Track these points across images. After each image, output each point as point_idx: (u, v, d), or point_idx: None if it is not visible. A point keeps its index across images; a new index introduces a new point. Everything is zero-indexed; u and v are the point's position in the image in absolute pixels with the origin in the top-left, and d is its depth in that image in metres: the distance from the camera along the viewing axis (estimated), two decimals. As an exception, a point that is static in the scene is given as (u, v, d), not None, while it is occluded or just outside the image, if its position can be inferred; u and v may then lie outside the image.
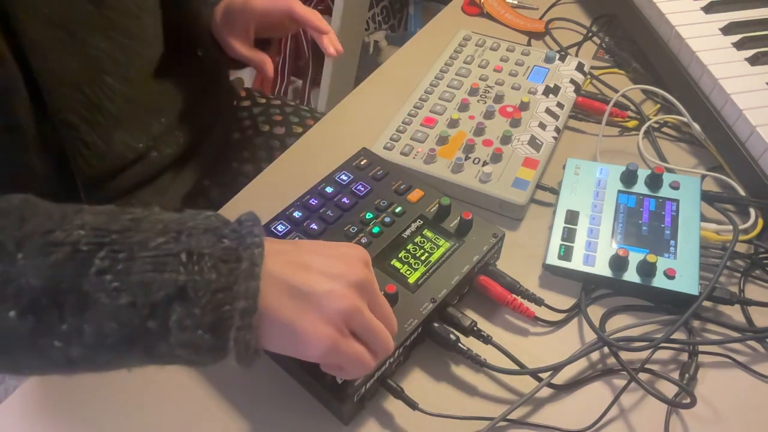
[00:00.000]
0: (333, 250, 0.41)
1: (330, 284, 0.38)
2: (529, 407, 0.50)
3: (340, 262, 0.39)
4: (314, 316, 0.37)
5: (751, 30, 0.73)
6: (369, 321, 0.39)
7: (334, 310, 0.37)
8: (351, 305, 0.38)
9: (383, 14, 1.78)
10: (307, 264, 0.39)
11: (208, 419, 0.49)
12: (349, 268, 0.39)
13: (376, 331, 0.40)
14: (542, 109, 0.70)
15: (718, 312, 0.56)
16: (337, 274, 0.38)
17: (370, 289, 0.40)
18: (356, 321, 0.39)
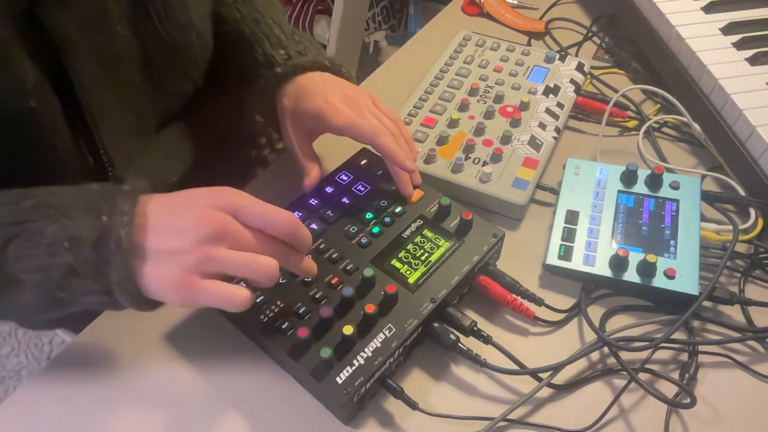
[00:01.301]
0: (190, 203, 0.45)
1: (174, 242, 0.43)
2: (529, 407, 0.50)
3: (190, 217, 0.43)
4: (162, 273, 0.42)
5: (751, 30, 0.73)
6: (225, 262, 0.43)
7: (179, 264, 0.42)
8: (195, 258, 0.42)
9: (383, 14, 1.78)
10: (159, 225, 0.43)
11: (208, 419, 0.49)
12: (199, 222, 0.43)
13: (237, 267, 0.43)
14: (542, 109, 0.70)
15: (718, 312, 0.56)
16: (183, 230, 0.43)
17: (224, 234, 0.43)
18: (210, 266, 0.43)
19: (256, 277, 0.44)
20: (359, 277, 0.51)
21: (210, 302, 0.44)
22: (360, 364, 0.47)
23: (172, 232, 0.43)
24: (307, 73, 0.60)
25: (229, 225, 0.44)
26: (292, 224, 0.46)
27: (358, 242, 0.55)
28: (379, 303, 0.50)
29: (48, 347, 1.40)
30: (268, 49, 0.61)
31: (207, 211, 0.44)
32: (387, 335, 0.48)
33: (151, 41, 0.55)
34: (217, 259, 0.43)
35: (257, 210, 0.45)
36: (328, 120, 0.56)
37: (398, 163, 0.56)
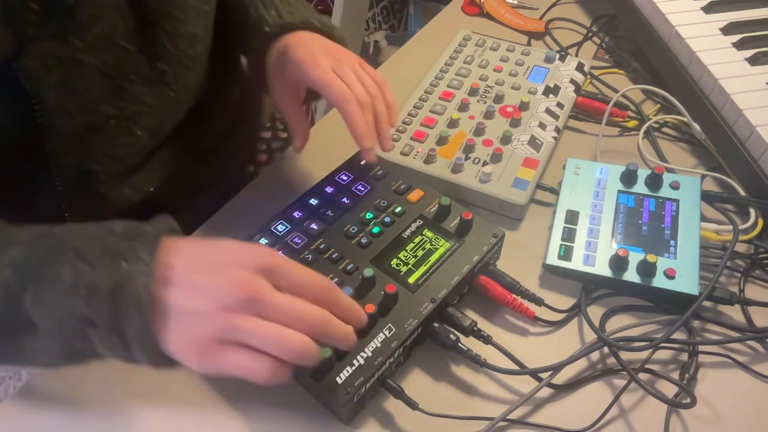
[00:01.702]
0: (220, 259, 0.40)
1: (197, 304, 0.38)
2: (529, 407, 0.50)
3: (219, 278, 0.39)
4: (181, 336, 0.39)
5: (751, 30, 0.73)
6: (249, 334, 0.38)
7: (199, 330, 0.38)
8: (217, 326, 0.38)
9: (383, 14, 1.78)
10: (184, 281, 0.39)
11: (208, 419, 0.49)
12: (227, 285, 0.39)
13: (262, 341, 0.39)
14: (542, 109, 0.70)
15: (718, 312, 0.56)
16: (209, 293, 0.39)
17: (252, 302, 0.39)
18: (234, 337, 0.39)
19: (284, 355, 0.39)
20: (359, 277, 0.51)
21: (232, 373, 0.40)
22: (360, 364, 0.47)
23: (198, 292, 0.39)
24: (297, 32, 0.59)
25: (262, 291, 0.39)
26: (330, 290, 0.42)
27: (358, 242, 0.55)
28: (379, 303, 0.50)
29: (48, 347, 1.40)
30: (260, 11, 0.60)
31: (238, 273, 0.39)
32: (387, 335, 0.48)
33: (159, 57, 0.55)
34: (242, 330, 0.38)
35: (294, 272, 0.41)
36: (305, 70, 0.55)
37: (356, 138, 0.55)
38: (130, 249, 0.39)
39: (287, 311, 0.39)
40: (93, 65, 0.50)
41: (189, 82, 0.60)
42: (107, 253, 0.39)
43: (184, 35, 0.56)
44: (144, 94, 0.55)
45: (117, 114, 0.54)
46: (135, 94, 0.55)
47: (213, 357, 0.39)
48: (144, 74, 0.55)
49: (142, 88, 0.55)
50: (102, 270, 0.38)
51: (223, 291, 0.39)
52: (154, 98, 0.56)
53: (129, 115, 0.55)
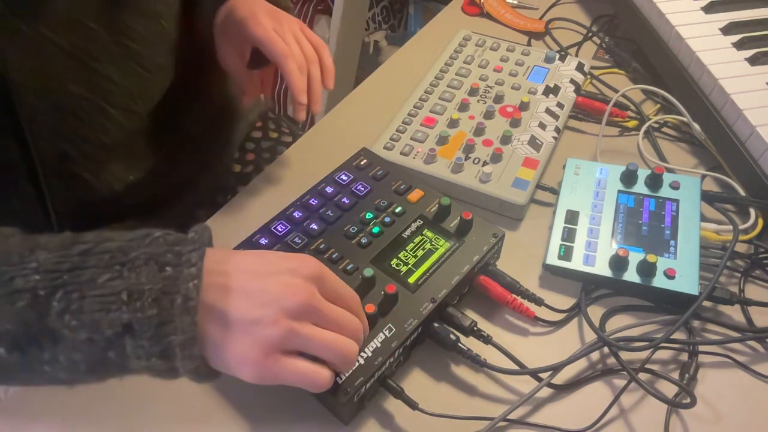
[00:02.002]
0: (274, 267, 0.40)
1: (259, 311, 0.38)
2: (529, 407, 0.50)
3: (276, 285, 0.39)
4: (241, 344, 0.38)
5: (751, 30, 0.73)
6: (309, 340, 0.40)
7: (262, 337, 0.38)
8: (280, 332, 0.38)
9: (383, 14, 1.78)
10: (242, 289, 0.39)
11: (208, 419, 0.49)
12: (285, 291, 0.39)
13: (321, 348, 0.40)
14: (542, 109, 0.70)
15: (718, 312, 0.56)
16: (269, 299, 0.39)
17: (310, 309, 0.40)
18: (293, 343, 0.39)
19: (336, 360, 0.41)
20: (359, 277, 0.51)
21: (291, 381, 0.40)
22: (360, 364, 0.47)
23: (256, 300, 0.38)
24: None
25: (316, 299, 0.40)
26: (358, 302, 0.45)
27: (358, 242, 0.55)
28: (379, 303, 0.50)
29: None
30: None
31: (294, 281, 0.40)
32: (387, 335, 0.48)
33: (125, 35, 0.55)
34: (301, 336, 0.39)
35: (337, 284, 0.43)
36: (247, 29, 0.58)
37: (294, 93, 0.58)
38: (175, 254, 0.38)
39: (338, 320, 0.41)
40: (57, 43, 0.50)
41: (157, 59, 0.60)
42: (151, 257, 0.37)
43: (147, 12, 0.57)
44: (112, 72, 0.56)
45: (87, 94, 0.55)
46: (103, 72, 0.55)
47: (274, 365, 0.39)
48: (110, 52, 0.55)
49: (110, 66, 0.55)
50: (146, 274, 0.36)
51: (283, 298, 0.39)
52: (123, 76, 0.57)
53: (100, 94, 0.56)
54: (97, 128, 0.57)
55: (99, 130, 0.57)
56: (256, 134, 0.83)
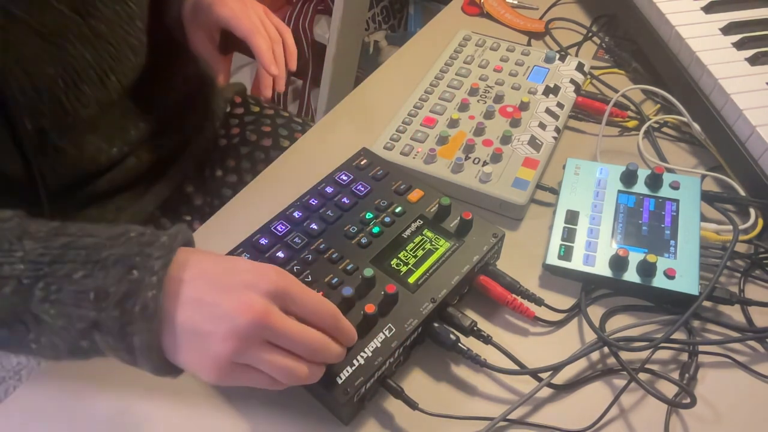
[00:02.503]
0: (233, 280, 0.40)
1: (209, 326, 0.39)
2: (529, 407, 0.50)
3: (231, 300, 0.39)
4: (194, 354, 0.39)
5: (751, 30, 0.73)
6: (258, 362, 0.40)
7: (212, 352, 0.39)
8: (229, 350, 0.39)
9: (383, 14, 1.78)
10: (196, 299, 0.39)
11: (208, 419, 0.49)
12: (238, 308, 0.39)
13: (269, 368, 0.40)
14: (542, 109, 0.70)
15: (718, 312, 0.56)
16: (220, 315, 0.39)
17: (263, 328, 0.39)
18: (243, 360, 0.40)
19: (284, 381, 0.42)
20: (359, 277, 0.51)
21: (246, 384, 0.41)
22: (360, 364, 0.47)
23: (209, 313, 0.39)
24: None
25: (271, 318, 0.39)
26: (334, 317, 0.44)
27: (358, 242, 0.55)
28: (379, 303, 0.50)
29: (48, 347, 1.40)
30: None
31: (250, 297, 0.39)
32: (387, 335, 0.49)
33: (91, 15, 0.56)
34: (250, 356, 0.40)
35: (303, 298, 0.42)
36: (214, 11, 0.62)
37: (264, 65, 0.62)
38: (144, 257, 0.39)
39: (293, 339, 0.41)
40: (28, 23, 0.51)
41: (128, 39, 0.61)
42: (119, 259, 0.39)
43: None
44: (85, 51, 0.57)
45: (62, 73, 0.56)
46: (75, 53, 0.56)
47: (224, 375, 0.40)
48: (81, 32, 0.56)
49: (81, 46, 0.57)
50: (113, 276, 0.38)
51: (235, 315, 0.39)
52: (94, 54, 0.58)
53: (73, 73, 0.57)
54: (73, 102, 0.58)
55: (75, 104, 0.58)
56: (238, 110, 0.85)
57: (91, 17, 0.56)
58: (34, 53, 0.53)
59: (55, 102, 0.57)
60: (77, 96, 0.58)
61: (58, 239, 0.40)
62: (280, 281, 0.41)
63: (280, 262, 0.53)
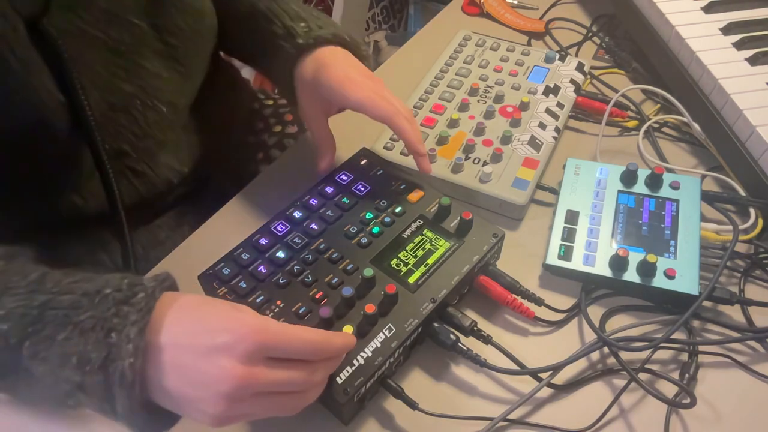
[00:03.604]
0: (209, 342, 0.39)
1: (197, 392, 0.39)
2: (529, 407, 0.50)
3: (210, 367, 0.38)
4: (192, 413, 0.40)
5: (751, 30, 0.73)
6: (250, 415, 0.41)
7: (205, 413, 0.39)
8: (220, 411, 0.39)
9: (383, 14, 1.79)
10: (177, 365, 0.39)
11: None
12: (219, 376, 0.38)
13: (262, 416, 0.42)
14: (542, 109, 0.70)
15: (718, 312, 0.56)
16: (204, 382, 0.39)
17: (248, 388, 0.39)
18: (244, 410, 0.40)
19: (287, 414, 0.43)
20: (359, 277, 0.51)
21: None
22: (360, 364, 0.47)
23: (193, 380, 0.39)
24: (328, 46, 0.60)
25: (253, 378, 0.39)
26: (321, 345, 0.43)
27: (358, 242, 0.55)
28: (379, 303, 0.50)
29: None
30: (287, 22, 0.61)
31: (228, 363, 0.38)
32: (387, 335, 0.49)
33: (169, 32, 0.56)
34: (237, 413, 0.40)
35: (284, 346, 0.41)
36: (347, 92, 0.56)
37: (412, 147, 0.56)
38: (120, 318, 0.39)
39: (278, 386, 0.41)
40: (100, 39, 0.50)
41: (197, 57, 0.61)
42: (98, 323, 0.38)
43: (191, 11, 0.57)
44: (159, 68, 0.56)
45: (139, 92, 0.55)
46: (151, 69, 0.56)
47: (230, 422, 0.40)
48: (156, 49, 0.56)
49: (157, 62, 0.56)
50: (92, 341, 0.38)
51: (217, 383, 0.38)
52: (168, 73, 0.57)
53: (150, 91, 0.56)
54: (151, 124, 0.58)
55: (152, 126, 0.58)
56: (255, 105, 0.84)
57: (165, 32, 0.56)
58: (109, 71, 0.52)
59: (132, 122, 0.56)
60: (154, 116, 0.57)
61: (36, 297, 0.39)
62: (257, 340, 0.39)
63: (280, 262, 0.53)
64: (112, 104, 0.54)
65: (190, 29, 0.58)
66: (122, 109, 0.55)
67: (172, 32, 0.56)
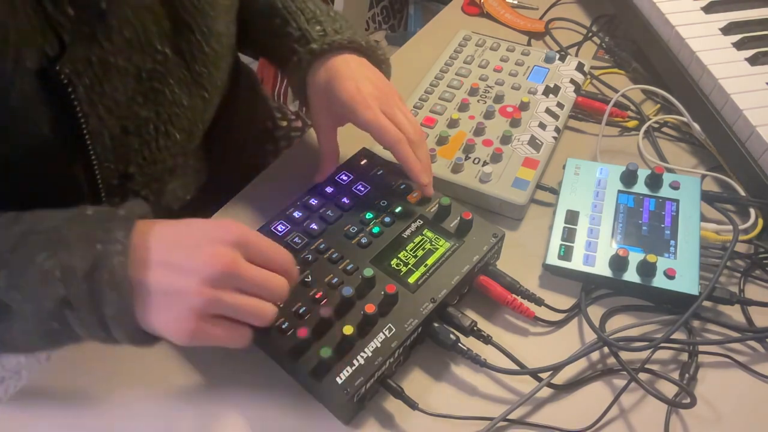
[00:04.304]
0: (196, 237, 0.42)
1: (181, 282, 0.40)
2: (529, 407, 0.50)
3: (198, 255, 0.41)
4: (166, 314, 0.40)
5: (751, 30, 0.73)
6: (230, 307, 0.42)
7: (185, 307, 0.40)
8: (202, 301, 0.40)
9: (383, 14, 1.79)
10: (163, 261, 0.41)
11: (208, 419, 0.49)
12: (207, 261, 0.40)
13: (242, 314, 0.42)
14: (542, 109, 0.70)
15: (718, 312, 0.56)
16: (190, 270, 0.40)
17: (232, 276, 0.41)
18: (215, 310, 0.41)
19: (255, 322, 0.44)
20: (359, 277, 0.51)
21: (217, 344, 0.43)
22: (360, 364, 0.47)
23: (179, 271, 0.40)
24: (343, 54, 0.58)
25: (238, 265, 0.41)
26: (291, 263, 0.46)
27: (358, 242, 0.55)
28: (379, 303, 0.50)
29: (48, 347, 1.40)
30: (302, 24, 0.60)
31: (216, 249, 0.41)
32: (387, 335, 0.48)
33: (195, 58, 0.55)
34: (224, 303, 0.41)
35: (263, 247, 0.44)
36: (355, 112, 0.55)
37: (414, 177, 0.56)
38: (105, 231, 0.40)
39: (260, 285, 0.43)
40: (123, 67, 0.49)
41: (220, 81, 0.60)
42: (81, 236, 0.39)
43: (216, 34, 0.56)
44: (181, 97, 0.55)
45: (154, 117, 0.54)
46: (172, 97, 0.54)
47: (198, 331, 0.41)
48: (181, 77, 0.54)
49: (179, 90, 0.55)
50: (77, 252, 0.39)
51: (204, 267, 0.40)
52: (189, 100, 0.56)
53: (166, 118, 0.55)
54: (162, 149, 0.56)
55: (163, 152, 0.56)
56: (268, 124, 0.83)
57: (194, 61, 0.55)
58: (128, 96, 0.51)
59: (143, 146, 0.54)
60: (166, 142, 0.56)
61: (15, 227, 0.40)
62: (241, 232, 0.43)
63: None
64: (126, 128, 0.52)
65: (214, 53, 0.56)
66: (135, 133, 0.53)
67: (198, 59, 0.55)
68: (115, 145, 0.52)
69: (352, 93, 0.55)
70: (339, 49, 0.59)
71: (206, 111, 0.60)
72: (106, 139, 0.51)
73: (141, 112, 0.53)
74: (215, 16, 0.55)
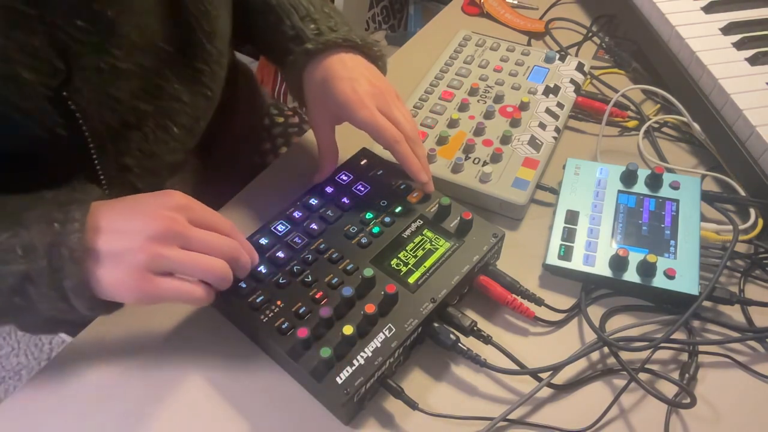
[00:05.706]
0: (141, 206, 0.45)
1: (126, 242, 0.43)
2: (529, 407, 0.50)
3: (142, 217, 0.44)
4: (115, 273, 0.43)
5: (751, 30, 0.73)
6: (176, 262, 0.44)
7: (131, 264, 0.42)
8: (146, 257, 0.42)
9: (383, 14, 1.78)
10: (111, 227, 0.43)
11: (208, 420, 0.49)
12: (150, 221, 0.43)
13: (190, 268, 0.44)
14: (542, 109, 0.70)
15: (718, 312, 0.56)
16: (134, 230, 0.43)
17: (175, 233, 0.44)
18: (162, 266, 0.43)
19: (206, 278, 0.45)
20: (359, 277, 0.51)
21: (167, 298, 0.44)
22: (360, 364, 0.47)
23: (123, 233, 0.43)
24: (339, 52, 0.58)
25: (180, 224, 0.44)
26: (233, 229, 0.48)
27: (358, 242, 0.55)
28: (379, 303, 0.50)
29: (48, 347, 1.40)
30: (297, 22, 0.59)
31: (158, 211, 0.44)
32: (387, 335, 0.49)
33: (197, 57, 0.55)
34: (167, 258, 0.43)
35: (207, 213, 0.47)
36: (352, 111, 0.55)
37: (413, 175, 0.56)
38: (63, 212, 0.42)
39: (205, 241, 0.45)
40: (129, 69, 0.50)
41: (221, 79, 0.60)
42: (41, 217, 0.42)
43: (218, 32, 0.56)
44: (181, 92, 0.56)
45: (154, 111, 0.54)
46: (172, 92, 0.55)
47: (148, 286, 0.43)
48: (182, 74, 0.55)
49: (179, 86, 0.55)
50: (36, 231, 0.41)
51: (147, 226, 0.43)
52: (191, 96, 0.57)
53: (166, 113, 0.56)
54: (160, 143, 0.56)
55: (160, 145, 0.56)
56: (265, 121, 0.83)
57: (195, 59, 0.55)
58: (129, 90, 0.51)
59: (142, 139, 0.55)
60: (163, 136, 0.56)
61: None
62: (184, 198, 0.46)
63: (280, 262, 0.53)
64: (126, 122, 0.53)
65: (217, 52, 0.56)
66: (135, 127, 0.54)
67: (201, 57, 0.55)
68: (116, 138, 0.52)
69: (348, 92, 0.55)
70: (334, 48, 0.58)
71: (208, 109, 0.60)
72: (107, 132, 0.51)
73: (141, 106, 0.53)
74: (215, 15, 0.55)
